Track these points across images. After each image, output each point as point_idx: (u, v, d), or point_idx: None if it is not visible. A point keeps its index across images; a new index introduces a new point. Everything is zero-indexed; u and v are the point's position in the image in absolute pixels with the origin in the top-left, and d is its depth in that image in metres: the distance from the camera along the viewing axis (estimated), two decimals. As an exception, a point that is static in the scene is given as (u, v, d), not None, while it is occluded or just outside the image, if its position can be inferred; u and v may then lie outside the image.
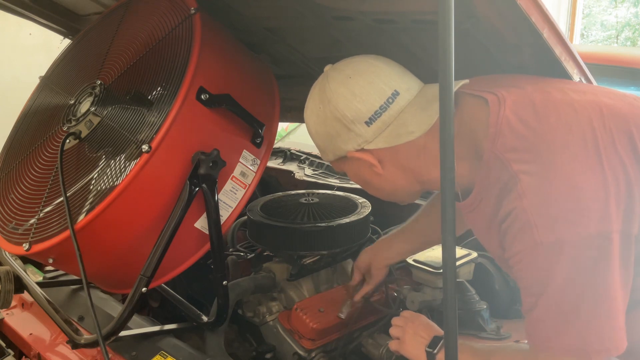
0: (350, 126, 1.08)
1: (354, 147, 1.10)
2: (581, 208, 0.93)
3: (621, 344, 0.94)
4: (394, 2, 1.17)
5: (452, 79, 0.77)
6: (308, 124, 1.18)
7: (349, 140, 1.10)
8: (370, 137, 1.08)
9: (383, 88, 1.07)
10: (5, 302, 1.44)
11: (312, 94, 1.17)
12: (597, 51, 3.54)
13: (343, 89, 1.09)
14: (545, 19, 1.07)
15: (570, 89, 1.09)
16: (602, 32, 10.37)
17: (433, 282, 1.49)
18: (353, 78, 1.09)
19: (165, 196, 1.20)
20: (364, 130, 1.08)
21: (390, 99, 1.07)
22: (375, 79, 1.08)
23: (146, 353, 1.34)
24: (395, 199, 1.25)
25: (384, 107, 1.07)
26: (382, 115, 1.07)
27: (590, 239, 0.92)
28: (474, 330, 1.40)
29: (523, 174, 0.97)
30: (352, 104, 1.07)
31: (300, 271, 1.66)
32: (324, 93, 1.12)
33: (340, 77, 1.11)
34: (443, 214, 0.81)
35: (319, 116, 1.13)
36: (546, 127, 1.00)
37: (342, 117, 1.08)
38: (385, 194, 1.22)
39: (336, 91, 1.09)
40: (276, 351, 1.55)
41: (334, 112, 1.09)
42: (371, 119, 1.07)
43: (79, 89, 1.43)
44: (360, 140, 1.09)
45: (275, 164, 2.57)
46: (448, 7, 0.74)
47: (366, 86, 1.08)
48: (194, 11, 1.31)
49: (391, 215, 1.95)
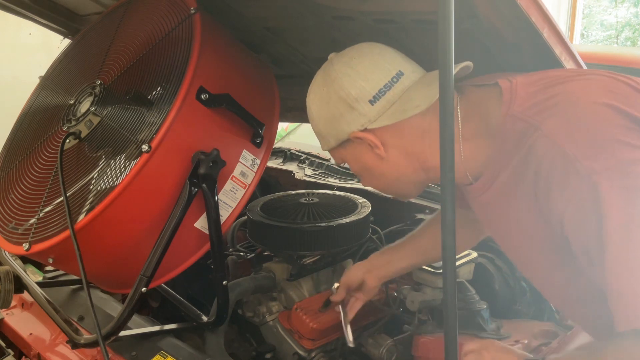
0: (354, 105, 1.07)
1: (357, 127, 1.08)
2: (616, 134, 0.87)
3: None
4: (394, 2, 1.17)
5: (452, 78, 0.77)
6: (310, 109, 1.16)
7: (352, 121, 1.08)
8: (374, 116, 1.07)
9: (388, 67, 1.07)
10: (5, 302, 1.44)
11: (316, 78, 1.16)
12: (597, 51, 3.55)
13: (347, 68, 1.08)
14: (545, 18, 1.07)
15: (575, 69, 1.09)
16: (602, 32, 10.38)
17: (433, 282, 1.49)
18: (357, 58, 1.09)
19: (165, 196, 1.20)
20: (368, 109, 1.07)
21: (395, 78, 1.06)
22: (379, 59, 1.08)
23: (146, 353, 1.34)
24: (398, 190, 1.21)
25: (389, 85, 1.06)
26: (386, 94, 1.06)
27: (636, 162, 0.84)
28: (474, 330, 1.40)
29: (548, 119, 0.93)
30: (356, 82, 1.07)
31: (300, 271, 1.66)
32: (328, 75, 1.12)
33: (345, 59, 1.11)
34: (443, 213, 0.81)
35: (322, 98, 1.12)
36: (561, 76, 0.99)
37: (347, 96, 1.07)
38: (387, 183, 1.18)
39: (340, 71, 1.09)
40: (276, 351, 1.55)
41: (338, 92, 1.08)
42: (375, 97, 1.06)
43: (79, 89, 1.43)
44: (364, 120, 1.07)
45: (275, 164, 2.57)
46: (448, 7, 0.74)
47: (370, 66, 1.07)
48: (193, 11, 1.31)
49: (391, 216, 1.96)
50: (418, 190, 1.21)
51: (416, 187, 1.20)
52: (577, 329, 1.34)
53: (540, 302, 1.63)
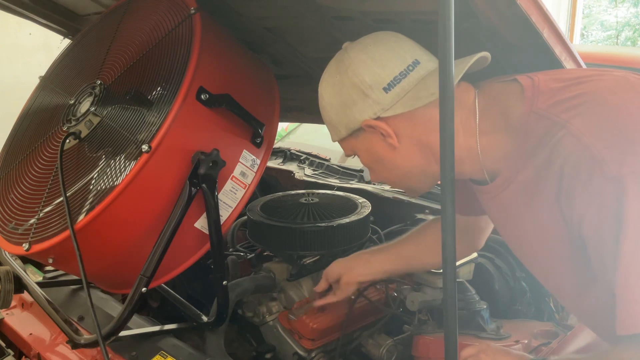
0: (367, 92, 1.04)
1: (370, 115, 1.05)
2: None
3: None
4: (394, 2, 1.17)
5: (452, 79, 0.76)
6: (322, 97, 1.13)
7: (365, 109, 1.05)
8: (388, 104, 1.04)
9: (404, 55, 1.05)
10: (5, 302, 1.44)
11: (329, 67, 1.14)
12: (597, 51, 3.55)
13: (362, 55, 1.06)
14: (545, 18, 1.07)
15: None
16: (602, 32, 10.38)
17: (433, 282, 1.49)
18: (373, 45, 1.07)
19: (165, 196, 1.20)
20: (382, 97, 1.04)
21: (411, 66, 1.04)
22: (396, 47, 1.06)
23: (146, 353, 1.34)
24: (410, 184, 1.17)
25: (404, 73, 1.03)
26: (401, 82, 1.03)
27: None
28: (474, 330, 1.40)
29: (574, 118, 0.90)
30: (371, 68, 1.04)
31: (300, 271, 1.66)
32: (341, 62, 1.09)
33: (360, 46, 1.08)
34: (443, 213, 0.80)
35: (335, 85, 1.09)
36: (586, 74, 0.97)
37: (361, 83, 1.04)
38: (399, 175, 1.14)
39: (355, 57, 1.06)
40: (276, 351, 1.55)
41: (352, 78, 1.06)
42: (390, 85, 1.03)
43: (79, 89, 1.43)
44: (378, 107, 1.04)
45: (275, 164, 2.57)
46: (448, 7, 0.74)
47: (386, 52, 1.05)
48: (193, 11, 1.31)
49: (391, 216, 1.96)
50: (430, 185, 1.17)
51: (428, 181, 1.15)
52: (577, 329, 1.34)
53: (540, 302, 1.63)
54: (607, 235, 0.86)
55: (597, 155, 0.85)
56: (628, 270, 0.84)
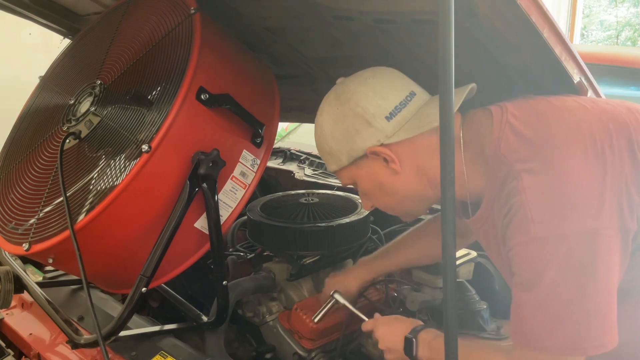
0: (371, 120, 1.12)
1: (373, 142, 1.12)
2: (577, 204, 0.94)
3: (615, 338, 0.95)
4: (394, 2, 1.17)
5: (452, 79, 0.76)
6: (322, 128, 1.19)
7: (368, 137, 1.12)
8: (391, 131, 1.11)
9: (401, 87, 1.14)
10: (5, 302, 1.44)
11: (327, 99, 1.20)
12: (597, 51, 3.54)
13: (363, 87, 1.14)
14: (545, 18, 1.07)
15: (570, 98, 1.13)
16: (602, 32, 10.38)
17: (433, 282, 1.49)
18: (372, 79, 1.16)
19: (165, 196, 1.20)
20: (385, 125, 1.11)
21: (409, 97, 1.13)
22: (393, 80, 1.16)
23: (146, 353, 1.34)
24: (406, 208, 1.25)
25: (404, 103, 1.12)
26: (401, 111, 1.12)
27: (586, 234, 0.93)
28: (474, 330, 1.40)
29: (525, 172, 0.99)
30: (373, 100, 1.12)
31: (300, 271, 1.66)
32: (342, 94, 1.16)
33: (359, 79, 1.17)
34: (443, 214, 0.81)
35: (336, 116, 1.16)
36: (547, 129, 1.03)
37: (364, 112, 1.12)
38: (397, 200, 1.21)
39: (356, 90, 1.14)
40: (276, 351, 1.55)
41: (354, 109, 1.13)
42: (391, 114, 1.12)
43: (79, 89, 1.43)
44: (381, 135, 1.12)
45: (275, 164, 2.57)
46: (448, 7, 0.74)
47: (386, 85, 1.14)
48: (193, 11, 1.31)
49: (391, 216, 1.95)
50: (424, 209, 1.26)
51: (423, 205, 1.24)
52: None
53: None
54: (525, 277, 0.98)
55: (529, 214, 0.96)
56: (535, 311, 0.97)
